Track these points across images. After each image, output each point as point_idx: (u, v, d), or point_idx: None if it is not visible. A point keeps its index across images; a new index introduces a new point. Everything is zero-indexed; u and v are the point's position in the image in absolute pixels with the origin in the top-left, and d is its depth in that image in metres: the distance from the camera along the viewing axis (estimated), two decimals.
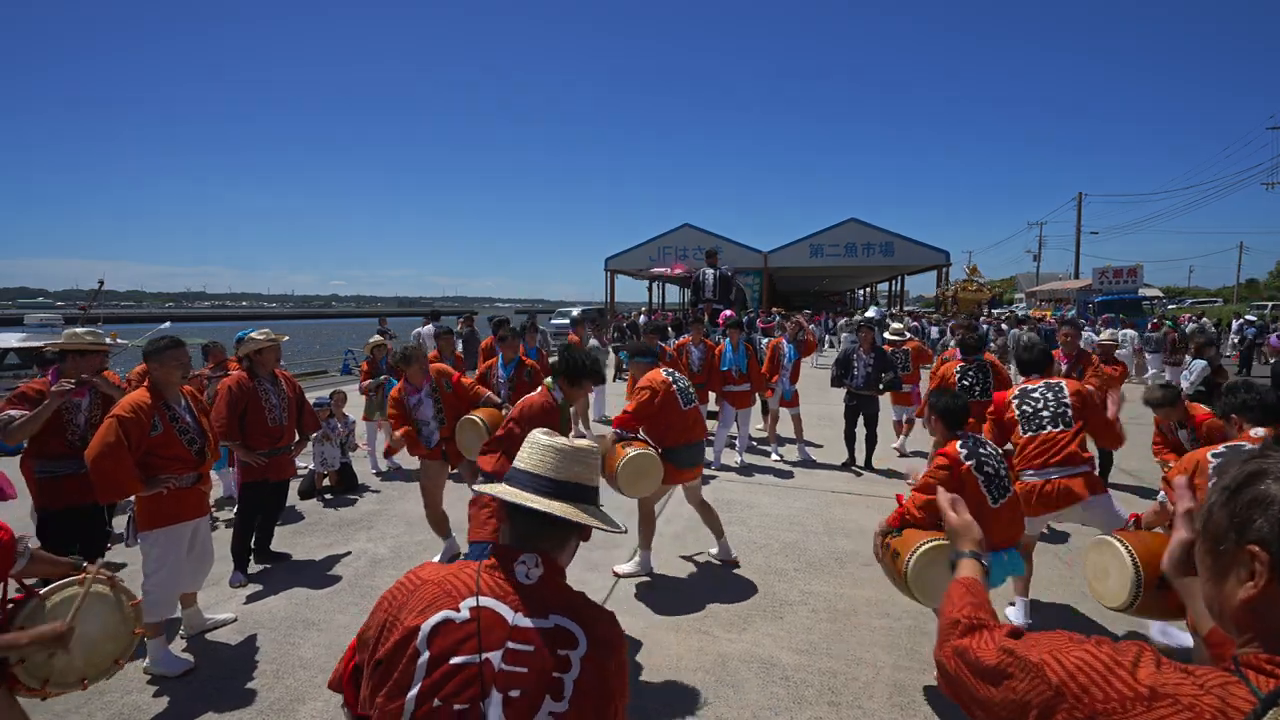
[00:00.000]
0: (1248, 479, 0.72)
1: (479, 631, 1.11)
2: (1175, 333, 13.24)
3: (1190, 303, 45.98)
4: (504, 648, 1.10)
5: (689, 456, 4.04)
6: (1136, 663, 0.75)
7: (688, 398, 4.06)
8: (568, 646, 1.12)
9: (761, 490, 6.07)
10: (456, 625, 1.12)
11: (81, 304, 12.92)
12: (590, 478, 1.31)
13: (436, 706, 1.06)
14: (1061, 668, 0.79)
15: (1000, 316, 19.94)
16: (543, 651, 1.11)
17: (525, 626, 1.13)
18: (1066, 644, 0.83)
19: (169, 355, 3.34)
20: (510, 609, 1.14)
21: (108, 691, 2.94)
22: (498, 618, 1.13)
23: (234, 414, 4.15)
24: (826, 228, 27.40)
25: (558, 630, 1.13)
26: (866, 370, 6.60)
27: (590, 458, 1.32)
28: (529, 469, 1.28)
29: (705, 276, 9.28)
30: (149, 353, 3.36)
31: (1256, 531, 0.69)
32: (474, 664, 1.08)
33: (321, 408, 6.16)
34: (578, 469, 1.29)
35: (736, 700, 2.91)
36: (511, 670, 1.09)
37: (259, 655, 3.29)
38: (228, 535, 4.90)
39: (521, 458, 1.31)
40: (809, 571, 4.28)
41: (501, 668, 1.09)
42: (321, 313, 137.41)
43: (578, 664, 1.11)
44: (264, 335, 4.45)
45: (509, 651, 1.10)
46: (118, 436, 3.06)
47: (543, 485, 1.25)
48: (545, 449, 1.30)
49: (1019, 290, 54.32)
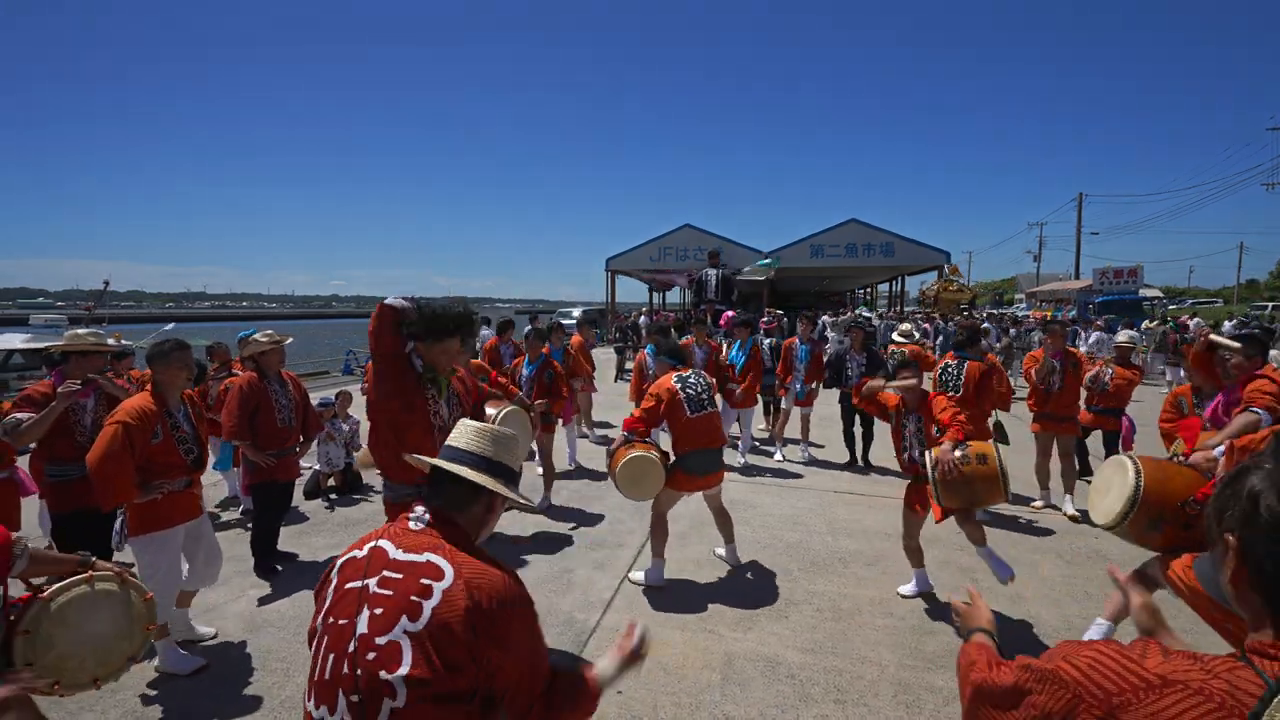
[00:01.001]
0: (1236, 475, 0.77)
1: (367, 563, 1.33)
2: (1175, 334, 13.26)
3: (1190, 303, 45.97)
4: (380, 575, 1.30)
5: (698, 463, 3.94)
6: (1144, 654, 0.78)
7: (696, 405, 3.95)
8: (433, 578, 1.27)
9: (764, 490, 6.09)
10: (357, 560, 1.35)
11: (86, 304, 12.93)
12: (502, 456, 1.52)
13: (330, 623, 1.30)
14: (1075, 669, 0.81)
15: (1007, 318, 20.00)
16: (409, 579, 1.27)
17: (400, 559, 1.31)
18: (1076, 647, 0.85)
19: (175, 358, 3.28)
20: (394, 546, 1.34)
21: (120, 690, 2.96)
22: (383, 553, 1.33)
23: (245, 414, 4.18)
24: (827, 228, 27.39)
25: (428, 564, 1.29)
26: (860, 370, 6.64)
27: (505, 438, 1.55)
28: (456, 444, 1.53)
29: (708, 277, 9.30)
30: (153, 355, 3.29)
31: (1229, 520, 0.75)
32: (357, 588, 1.30)
33: (326, 408, 6.18)
34: (492, 446, 1.52)
35: (743, 698, 2.93)
36: (380, 592, 1.27)
37: (268, 654, 3.31)
38: (232, 535, 4.94)
39: (453, 437, 1.55)
40: (813, 571, 4.30)
41: (374, 590, 1.28)
42: (322, 313, 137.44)
43: (439, 594, 1.24)
44: (267, 337, 4.46)
45: (382, 578, 1.29)
46: (123, 444, 3.01)
47: (459, 456, 1.49)
48: (468, 429, 1.54)
49: (1019, 291, 54.31)
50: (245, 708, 2.90)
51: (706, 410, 3.97)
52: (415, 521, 1.40)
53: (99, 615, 2.02)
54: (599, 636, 3.46)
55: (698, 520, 4.84)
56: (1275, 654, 0.67)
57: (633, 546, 4.70)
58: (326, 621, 1.30)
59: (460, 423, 1.58)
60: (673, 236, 28.33)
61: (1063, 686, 0.81)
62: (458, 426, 1.56)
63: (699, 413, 3.94)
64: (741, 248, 27.96)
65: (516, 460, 1.56)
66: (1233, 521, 0.75)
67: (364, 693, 1.20)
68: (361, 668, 1.21)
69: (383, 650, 1.21)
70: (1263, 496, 0.71)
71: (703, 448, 3.93)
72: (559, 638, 3.43)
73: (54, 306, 54.40)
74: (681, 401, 3.93)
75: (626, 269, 28.63)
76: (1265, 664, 0.68)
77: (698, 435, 3.93)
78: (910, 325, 8.13)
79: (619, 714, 2.83)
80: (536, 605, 1.40)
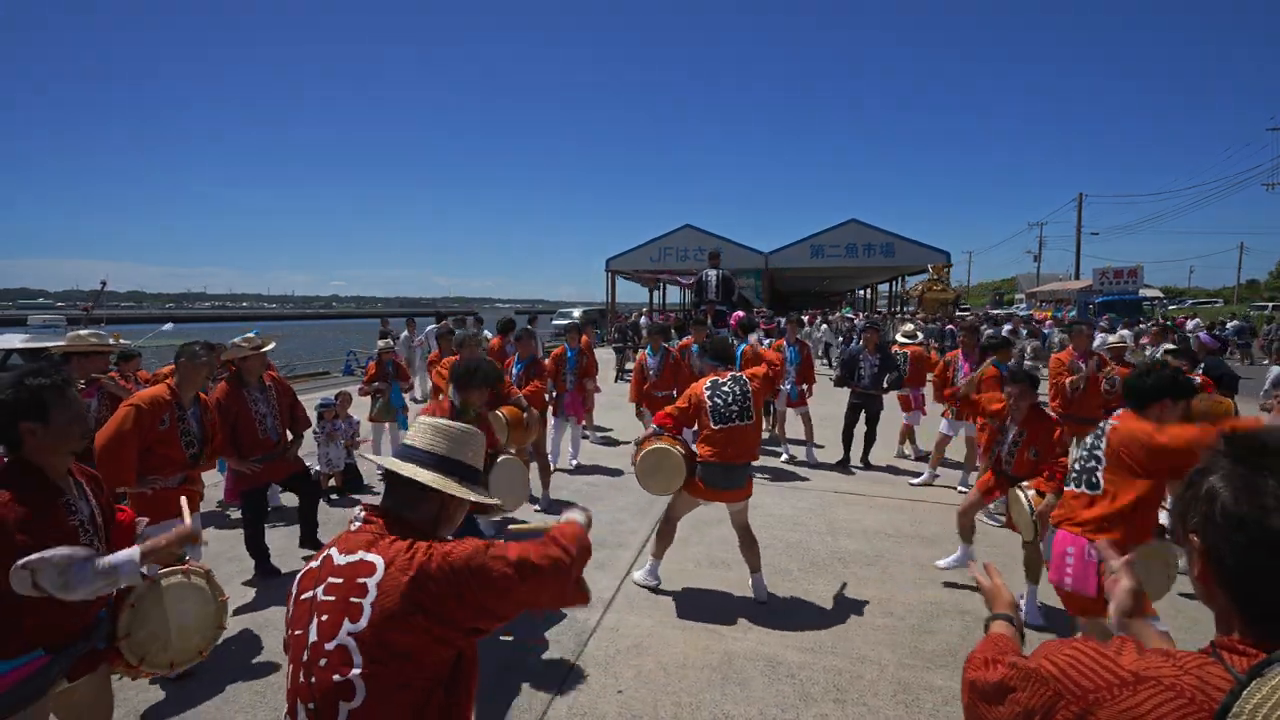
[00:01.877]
0: (1198, 473, 0.79)
1: (318, 573, 1.34)
2: (1175, 333, 13.26)
3: (1190, 303, 46.01)
4: (326, 582, 1.31)
5: (714, 477, 3.72)
6: (1120, 652, 0.81)
7: (720, 415, 3.70)
8: (366, 574, 1.27)
9: (764, 490, 6.09)
10: (311, 571, 1.36)
11: (84, 305, 12.93)
12: (457, 452, 1.49)
13: (293, 634, 1.32)
14: (1055, 666, 0.84)
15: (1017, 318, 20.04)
16: (347, 582, 1.28)
17: (339, 563, 1.31)
18: (1058, 646, 0.88)
19: (201, 358, 3.49)
20: (339, 551, 1.34)
21: (120, 689, 2.96)
22: (330, 560, 1.34)
23: (225, 428, 3.99)
24: (827, 228, 27.42)
25: (361, 563, 1.29)
26: (873, 370, 6.66)
27: (462, 434, 1.51)
28: (406, 441, 1.51)
29: (708, 278, 9.29)
30: (183, 352, 3.49)
31: (1193, 521, 0.77)
32: (309, 599, 1.32)
33: (326, 408, 6.18)
34: (445, 443, 1.48)
35: (743, 697, 2.94)
36: (325, 599, 1.28)
37: (270, 653, 3.33)
38: (236, 535, 4.94)
39: (409, 435, 1.52)
40: (812, 571, 4.31)
41: (321, 598, 1.29)
42: (322, 313, 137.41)
43: (374, 589, 1.25)
44: (248, 342, 4.23)
45: (327, 585, 1.30)
46: (133, 425, 3.16)
47: (412, 454, 1.47)
48: (424, 427, 1.52)
49: (1019, 291, 54.28)
50: (244, 707, 2.91)
51: (734, 424, 3.70)
52: (354, 522, 1.41)
53: (186, 605, 2.22)
54: (599, 636, 3.47)
55: (698, 520, 4.85)
56: (1243, 650, 0.69)
57: (634, 547, 4.71)
58: (291, 632, 1.33)
59: (418, 420, 1.56)
60: (673, 237, 28.33)
61: (1043, 684, 0.84)
62: (415, 424, 1.54)
63: (723, 425, 3.69)
64: (741, 248, 27.96)
65: (475, 457, 1.53)
66: (1195, 523, 0.76)
67: (319, 700, 1.22)
68: (315, 675, 1.23)
69: (332, 656, 1.23)
70: (1219, 496, 0.73)
71: (722, 462, 3.69)
72: (559, 637, 3.44)
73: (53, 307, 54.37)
74: (707, 409, 3.74)
75: (626, 269, 28.62)
76: (1234, 659, 0.70)
77: (718, 447, 3.70)
78: (913, 326, 8.16)
79: (619, 713, 2.84)
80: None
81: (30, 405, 1.78)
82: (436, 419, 1.53)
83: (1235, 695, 0.63)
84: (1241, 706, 0.61)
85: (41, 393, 1.80)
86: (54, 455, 1.86)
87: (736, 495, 3.80)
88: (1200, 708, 0.68)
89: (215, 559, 4.44)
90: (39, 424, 1.79)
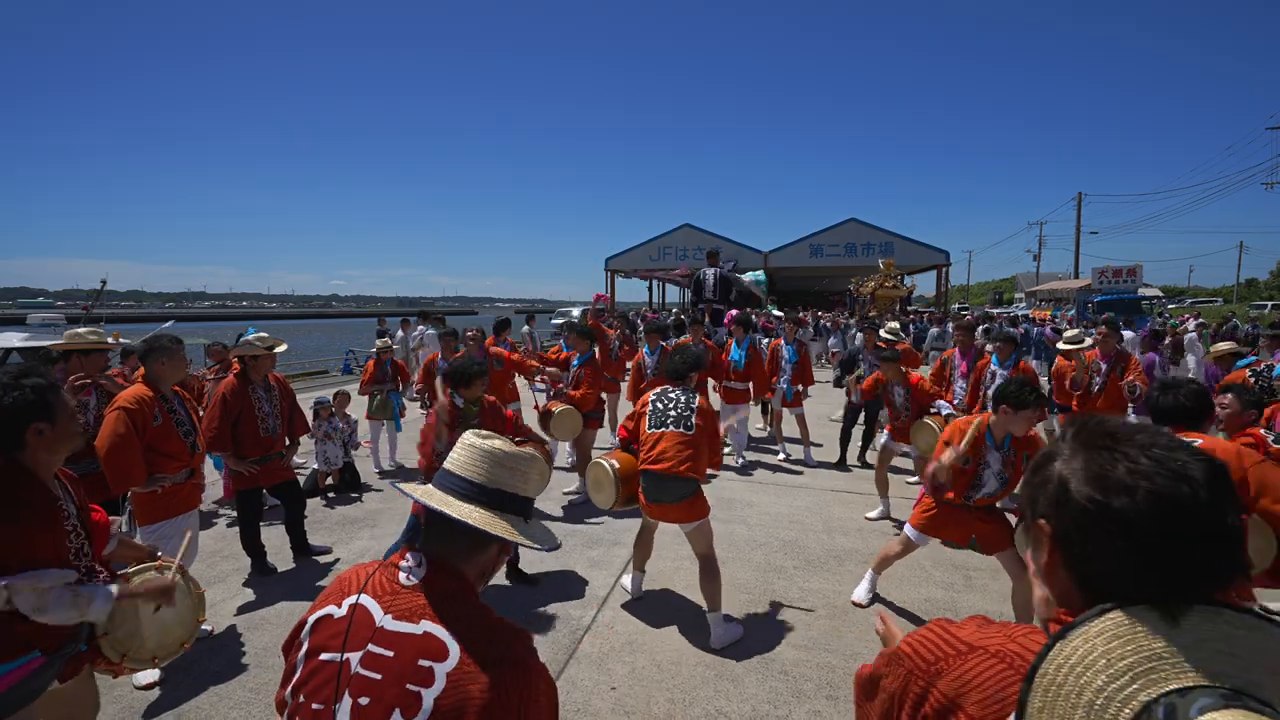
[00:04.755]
0: (1042, 459, 0.81)
1: (348, 630, 1.06)
2: (1177, 333, 13.26)
3: (1190, 302, 46.02)
4: (364, 650, 1.03)
5: (648, 487, 3.47)
6: (962, 627, 0.88)
7: (657, 420, 3.52)
8: (433, 658, 1.01)
9: (761, 489, 6.11)
10: (334, 621, 1.08)
11: (84, 304, 12.94)
12: (517, 485, 1.20)
13: (302, 703, 1.04)
14: (908, 645, 0.90)
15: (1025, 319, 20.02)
16: (402, 659, 1.01)
17: (390, 630, 1.04)
18: (918, 630, 0.94)
19: (169, 352, 3.43)
20: (382, 610, 1.06)
21: (117, 686, 2.98)
22: (368, 617, 1.06)
23: (227, 423, 4.05)
24: (826, 227, 27.47)
25: (425, 638, 1.03)
26: (871, 370, 6.69)
27: (520, 464, 1.21)
28: (454, 469, 1.20)
29: (706, 276, 9.30)
30: (148, 349, 3.44)
31: (1043, 507, 0.79)
32: (335, 662, 1.04)
33: (323, 406, 6.19)
34: (503, 474, 1.19)
35: (736, 694, 2.95)
36: (366, 675, 1.01)
37: (265, 652, 3.33)
38: (231, 533, 4.96)
39: (451, 459, 1.23)
40: (808, 569, 4.32)
41: (357, 671, 1.02)
42: (322, 312, 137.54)
43: (442, 679, 0.99)
44: (263, 343, 4.30)
45: (368, 655, 1.03)
46: (127, 427, 3.17)
47: (463, 487, 1.17)
48: (472, 450, 1.21)
49: (1019, 290, 54.25)
50: (240, 703, 2.92)
51: (666, 428, 3.48)
52: (407, 575, 1.10)
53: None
54: (593, 633, 3.48)
55: None
56: (1063, 620, 0.73)
57: (628, 545, 4.71)
58: (297, 699, 1.05)
59: (462, 438, 1.26)
60: (672, 236, 28.35)
61: (899, 663, 0.90)
62: (459, 443, 1.25)
63: (656, 429, 3.51)
64: (741, 247, 27.96)
65: (529, 486, 1.23)
66: (1045, 507, 0.78)
67: None
68: None
69: None
70: (1072, 481, 0.75)
71: (649, 469, 3.44)
72: (554, 634, 3.45)
73: (53, 306, 54.40)
74: (646, 414, 3.61)
75: (626, 268, 28.64)
76: (1055, 629, 0.74)
77: (646, 450, 3.49)
78: (896, 325, 8.19)
79: (613, 710, 2.85)
80: (533, 603, 1.39)
81: (39, 406, 1.79)
82: (492, 440, 1.22)
83: (1042, 657, 0.67)
84: (1046, 668, 0.67)
85: (45, 393, 1.81)
86: (54, 455, 1.87)
87: (679, 514, 3.44)
88: (1018, 671, 0.76)
89: (212, 557, 4.45)
90: (47, 424, 1.80)
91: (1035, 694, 0.67)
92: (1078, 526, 0.73)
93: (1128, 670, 0.62)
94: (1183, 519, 0.67)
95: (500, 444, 1.22)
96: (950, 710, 0.80)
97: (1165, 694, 0.60)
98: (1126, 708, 0.60)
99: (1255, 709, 0.58)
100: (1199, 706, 0.58)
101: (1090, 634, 0.66)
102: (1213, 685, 0.60)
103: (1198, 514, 0.67)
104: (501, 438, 1.24)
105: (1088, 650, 0.65)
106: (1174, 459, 0.70)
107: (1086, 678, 0.64)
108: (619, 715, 2.82)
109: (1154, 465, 0.69)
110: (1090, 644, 0.65)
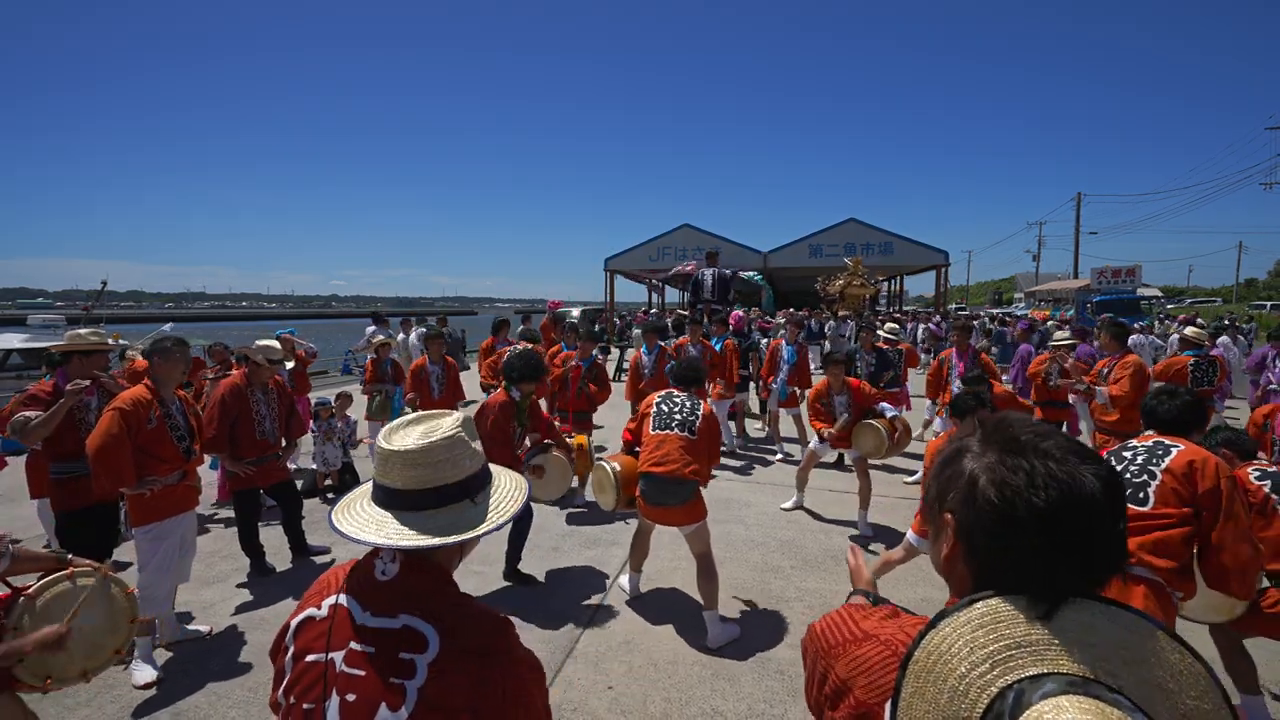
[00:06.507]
0: (953, 455, 0.84)
1: (330, 630, 1.07)
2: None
3: (1189, 302, 46.06)
4: (347, 648, 1.04)
5: (649, 490, 3.48)
6: (866, 616, 0.92)
7: (661, 422, 3.56)
8: (413, 650, 1.02)
9: (759, 488, 6.12)
10: (316, 622, 1.09)
11: (84, 304, 12.97)
12: (446, 475, 1.11)
13: (292, 703, 1.06)
14: (820, 625, 0.97)
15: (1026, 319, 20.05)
16: (383, 654, 1.02)
17: (370, 626, 1.05)
18: (833, 611, 1.00)
19: (174, 353, 3.46)
20: (361, 607, 1.07)
21: (115, 686, 3.00)
22: (347, 616, 1.07)
23: (225, 424, 4.08)
24: (826, 228, 27.44)
25: (405, 631, 1.03)
26: (869, 370, 6.70)
27: (437, 453, 1.10)
28: (378, 479, 1.13)
29: (704, 277, 9.32)
30: (153, 350, 3.47)
31: (950, 501, 0.82)
32: (321, 663, 1.05)
33: (323, 407, 6.21)
34: (425, 473, 1.09)
35: (733, 693, 2.97)
36: (350, 673, 1.02)
37: (264, 651, 3.33)
38: (229, 534, 4.97)
39: (375, 467, 1.15)
40: (805, 568, 4.34)
41: (342, 669, 1.03)
42: (322, 312, 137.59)
43: (424, 670, 1.00)
44: (274, 351, 4.36)
45: (350, 652, 1.04)
46: (120, 428, 3.17)
47: (388, 499, 1.11)
48: (386, 456, 1.11)
49: (1018, 290, 54.25)
50: (238, 703, 2.93)
51: (669, 430, 3.52)
52: (382, 571, 1.09)
53: (85, 611, 2.01)
54: (590, 632, 3.49)
55: None
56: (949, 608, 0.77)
57: (626, 545, 4.71)
58: (289, 701, 1.08)
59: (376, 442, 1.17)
60: (671, 236, 28.34)
61: (813, 642, 0.98)
62: (376, 448, 1.15)
63: (659, 430, 3.55)
64: (740, 247, 27.97)
65: (458, 469, 1.12)
66: (953, 502, 0.81)
67: None
68: None
69: None
70: (980, 481, 0.77)
71: (650, 471, 3.46)
72: (551, 634, 3.46)
73: (53, 306, 54.41)
74: (650, 416, 3.65)
75: (625, 269, 28.65)
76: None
77: (649, 452, 3.51)
78: (895, 324, 8.23)
79: (609, 709, 2.86)
80: (531, 603, 1.38)
81: None
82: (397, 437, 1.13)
83: (916, 645, 0.72)
84: (918, 655, 0.71)
85: None
86: None
87: (678, 516, 3.46)
88: (900, 658, 0.80)
89: (210, 557, 4.47)
90: None
91: (909, 680, 0.70)
92: (980, 524, 0.76)
93: (988, 658, 0.66)
94: (1077, 525, 0.71)
95: (410, 441, 1.11)
96: (843, 691, 0.86)
97: (1019, 680, 0.64)
98: (985, 693, 0.64)
99: (1104, 697, 0.61)
100: (1043, 692, 0.61)
101: (958, 623, 0.70)
102: (1062, 673, 0.63)
103: (1091, 521, 0.71)
104: (406, 426, 1.16)
105: (955, 639, 0.69)
106: (1074, 469, 0.73)
107: (952, 665, 0.68)
108: (616, 714, 2.84)
109: (1055, 472, 0.73)
110: (957, 633, 0.70)
